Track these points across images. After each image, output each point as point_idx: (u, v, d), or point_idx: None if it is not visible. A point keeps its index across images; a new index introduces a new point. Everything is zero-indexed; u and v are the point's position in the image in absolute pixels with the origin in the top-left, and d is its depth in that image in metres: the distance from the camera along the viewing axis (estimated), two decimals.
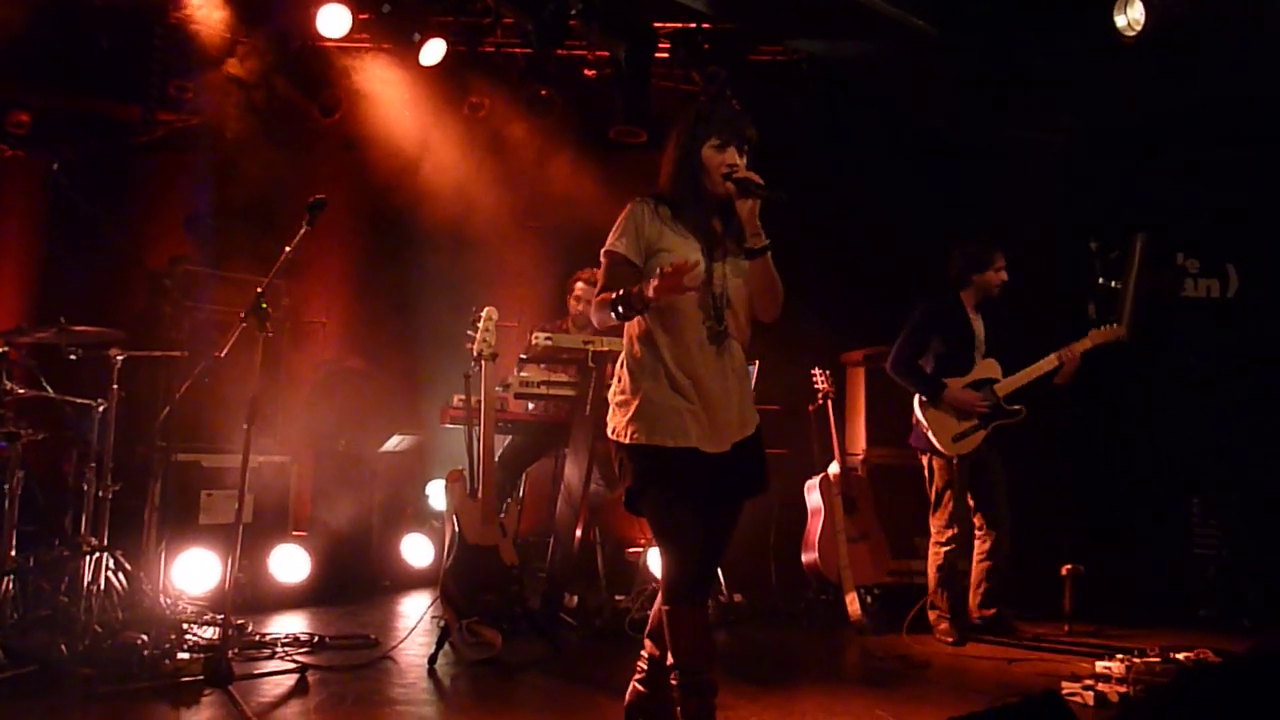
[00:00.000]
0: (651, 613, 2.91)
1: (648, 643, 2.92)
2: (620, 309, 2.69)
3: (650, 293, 2.62)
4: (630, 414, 2.79)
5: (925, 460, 4.81)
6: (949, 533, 4.70)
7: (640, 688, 2.93)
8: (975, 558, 4.78)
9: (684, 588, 2.74)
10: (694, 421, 2.76)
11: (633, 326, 2.85)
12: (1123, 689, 3.64)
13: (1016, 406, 4.70)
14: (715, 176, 2.79)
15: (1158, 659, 3.83)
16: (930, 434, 4.71)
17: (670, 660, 2.75)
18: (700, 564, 2.80)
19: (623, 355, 2.90)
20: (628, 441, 2.78)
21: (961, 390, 4.69)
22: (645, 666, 2.93)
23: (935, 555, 4.76)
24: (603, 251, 2.86)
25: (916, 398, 4.79)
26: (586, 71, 6.51)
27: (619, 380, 2.88)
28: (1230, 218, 5.93)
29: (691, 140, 2.83)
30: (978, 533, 4.78)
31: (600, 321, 2.83)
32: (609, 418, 2.88)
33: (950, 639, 4.63)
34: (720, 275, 2.83)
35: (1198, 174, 5.93)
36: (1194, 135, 5.91)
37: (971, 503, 4.78)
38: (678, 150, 2.85)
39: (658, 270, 2.62)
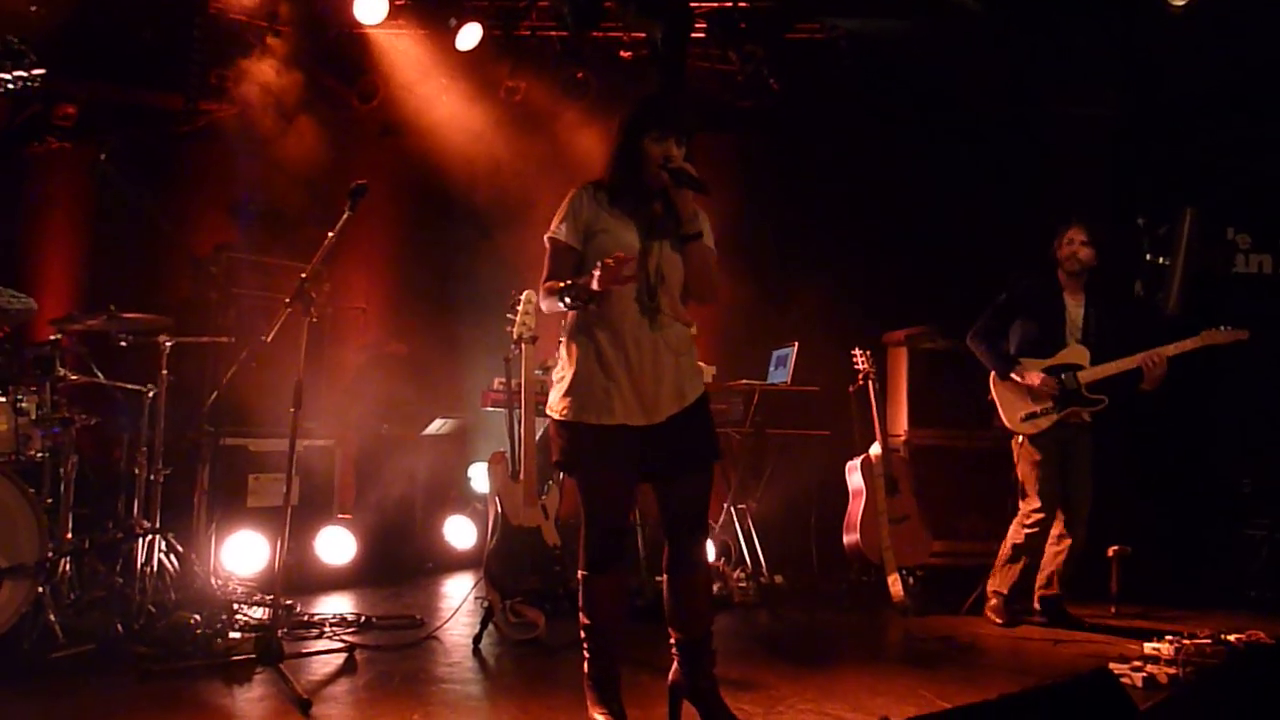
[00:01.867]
0: (665, 599, 3.00)
1: (671, 630, 2.99)
2: (567, 299, 2.83)
3: (595, 285, 2.76)
4: (562, 391, 2.95)
5: (1014, 442, 4.71)
6: (1035, 516, 4.58)
7: (677, 667, 3.00)
8: (1048, 543, 4.67)
9: (601, 557, 2.94)
10: (619, 398, 2.88)
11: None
12: (1172, 670, 3.59)
13: (1098, 396, 4.54)
14: (653, 167, 2.90)
15: (1208, 640, 3.77)
16: (1000, 409, 4.64)
17: (585, 622, 2.95)
18: (618, 536, 2.99)
19: (562, 334, 3.03)
20: (557, 417, 2.95)
21: (1030, 373, 4.57)
22: (675, 650, 3.00)
23: (1016, 533, 4.66)
24: (546, 237, 2.99)
25: (992, 373, 4.70)
26: (623, 53, 6.48)
27: (558, 358, 3.03)
28: None
29: (634, 131, 2.95)
30: (1056, 525, 4.64)
31: (548, 308, 2.97)
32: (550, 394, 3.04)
33: (1000, 619, 4.57)
34: (655, 256, 2.94)
35: (1248, 147, 5.77)
36: (1244, 107, 5.76)
37: (1058, 488, 4.62)
38: (619, 139, 2.99)
39: (599, 263, 2.74)
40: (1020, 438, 4.62)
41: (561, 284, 2.85)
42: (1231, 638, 3.82)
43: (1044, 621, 4.60)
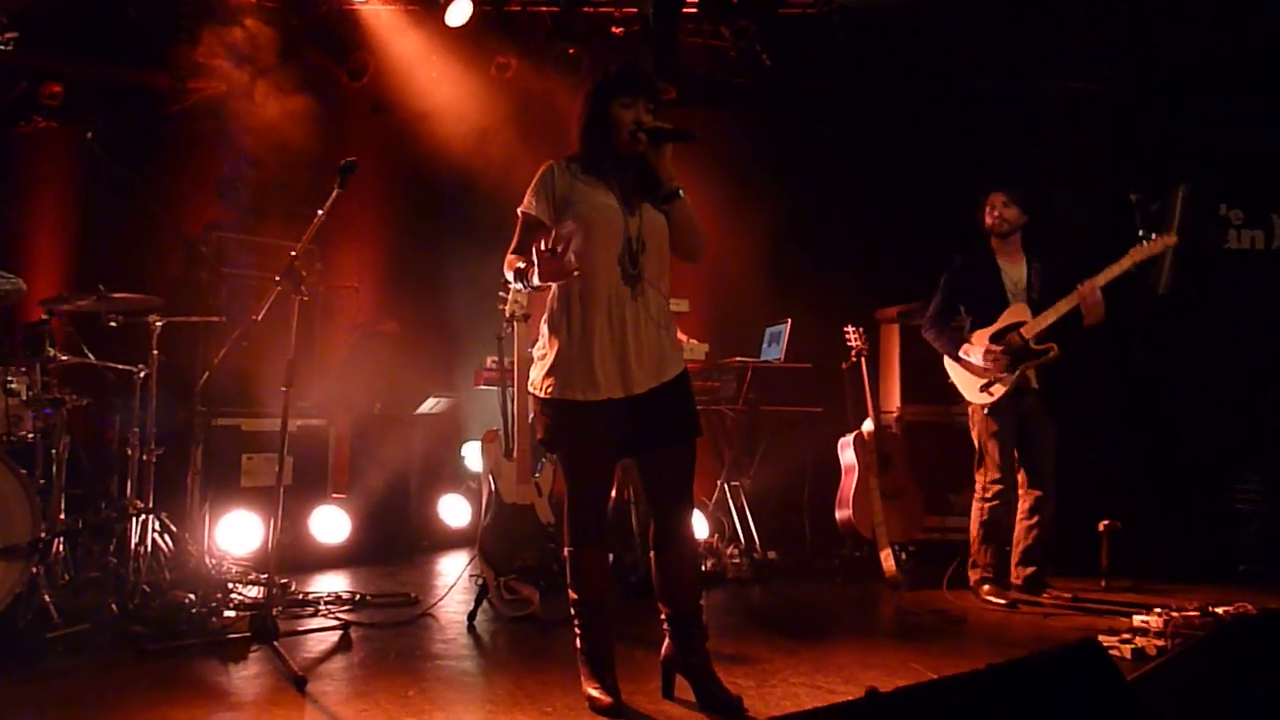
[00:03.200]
0: (652, 572, 3.03)
1: (661, 605, 3.02)
2: (520, 282, 2.87)
3: (536, 280, 2.79)
4: (546, 368, 2.96)
5: (969, 412, 4.73)
6: (994, 488, 4.59)
7: (670, 642, 3.04)
8: (1018, 516, 4.67)
9: (587, 532, 2.98)
10: (603, 372, 2.88)
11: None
12: (1161, 643, 3.62)
13: (1045, 346, 4.51)
14: (624, 133, 2.90)
15: (1196, 613, 3.80)
16: (960, 388, 4.67)
17: (574, 598, 2.99)
18: (603, 511, 3.02)
19: (546, 312, 3.03)
20: (542, 395, 2.97)
21: (974, 347, 4.58)
22: (666, 625, 3.03)
23: (979, 511, 4.65)
24: (519, 211, 2.99)
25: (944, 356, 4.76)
26: (614, 29, 6.43)
27: (539, 333, 3.03)
28: (1275, 167, 5.77)
29: (602, 98, 2.95)
30: (1020, 490, 4.67)
31: (507, 275, 2.96)
32: (533, 371, 3.04)
33: (998, 600, 4.52)
34: (636, 221, 2.92)
35: (1241, 123, 5.76)
36: (1237, 83, 5.74)
37: (1015, 458, 4.70)
38: (589, 108, 2.98)
39: (534, 252, 2.75)
40: (983, 408, 4.61)
41: (520, 263, 2.86)
42: (1219, 610, 3.85)
43: (1031, 598, 4.62)
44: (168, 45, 5.94)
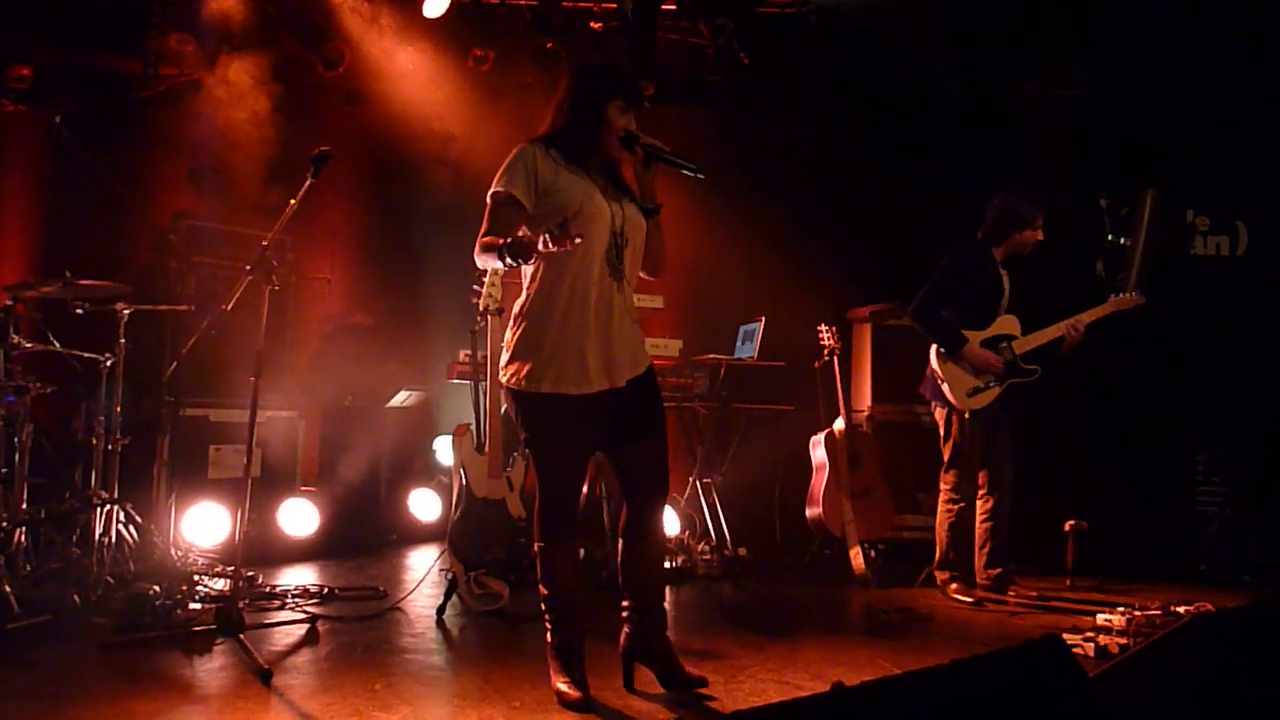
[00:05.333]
0: (618, 565, 3.07)
1: (625, 594, 3.07)
2: (507, 257, 2.68)
3: (542, 246, 2.76)
4: (529, 360, 2.89)
5: (940, 415, 4.74)
6: (964, 490, 4.64)
7: (629, 631, 3.08)
8: (977, 518, 4.72)
9: (561, 526, 2.97)
10: (594, 364, 2.87)
11: (534, 268, 2.92)
12: (1124, 641, 3.67)
13: (1032, 366, 4.62)
14: (614, 135, 2.91)
15: (1159, 612, 3.85)
16: (945, 387, 4.62)
17: (544, 592, 2.98)
18: (574, 505, 3.03)
19: (521, 299, 2.97)
20: (525, 389, 2.89)
21: (980, 347, 4.61)
22: (629, 615, 3.07)
23: (948, 514, 4.68)
24: (489, 193, 2.92)
25: (934, 348, 4.69)
26: (593, 24, 6.41)
27: (517, 324, 2.95)
28: (1241, 174, 5.87)
29: (599, 95, 2.93)
30: (980, 491, 4.73)
31: (484, 263, 2.87)
32: (504, 363, 2.97)
33: (966, 598, 4.57)
34: (619, 217, 2.92)
35: (1208, 130, 5.85)
36: (1204, 90, 5.82)
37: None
38: (579, 99, 2.95)
39: (553, 228, 2.75)
40: (965, 412, 4.66)
41: (501, 240, 2.71)
42: (1181, 609, 3.91)
43: (999, 597, 4.67)
44: (139, 30, 5.86)
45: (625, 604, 3.07)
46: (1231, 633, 1.80)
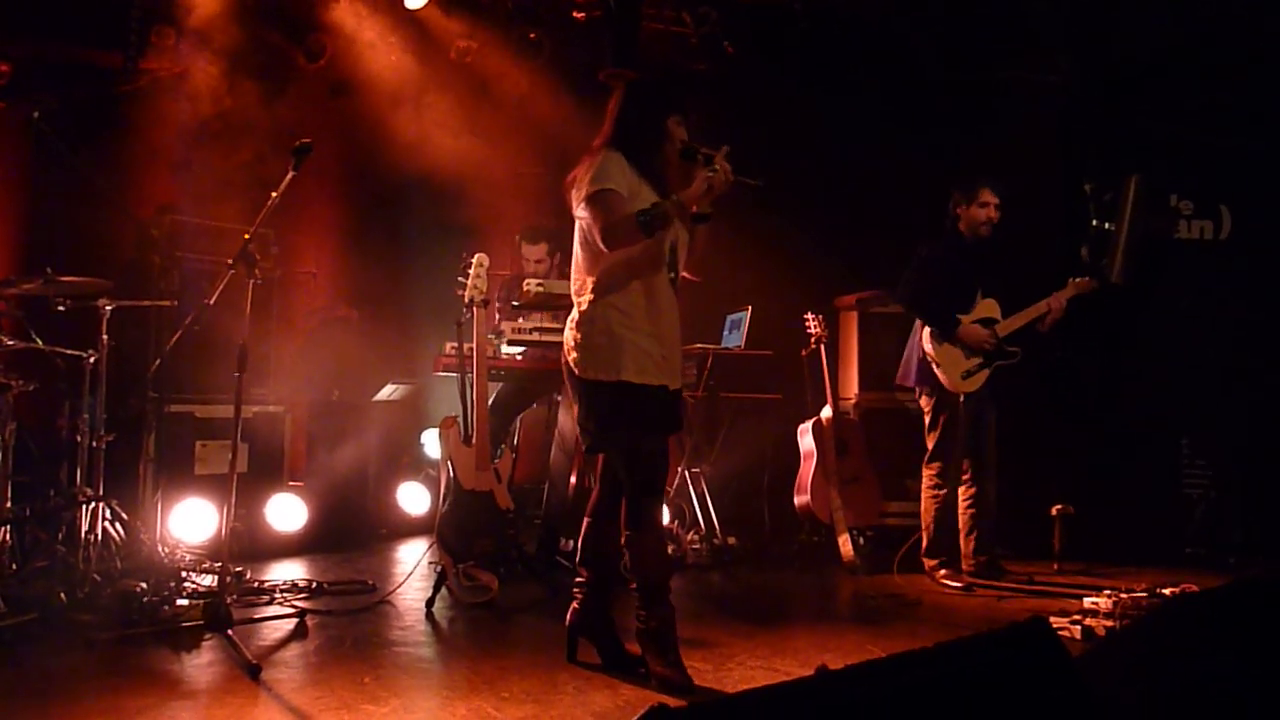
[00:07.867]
0: (581, 540, 3.21)
1: (583, 569, 3.20)
2: (654, 222, 2.89)
3: (715, 186, 2.94)
4: (620, 355, 2.99)
5: (927, 404, 4.75)
6: (950, 474, 4.67)
7: (578, 607, 3.21)
8: (961, 505, 4.75)
9: (658, 511, 3.15)
10: (669, 362, 3.09)
11: (603, 269, 3.05)
12: (1110, 623, 3.70)
13: (1014, 348, 4.66)
14: (675, 147, 3.09)
15: (1144, 594, 3.89)
16: (939, 370, 4.61)
17: (644, 581, 3.08)
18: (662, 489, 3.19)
19: (590, 297, 3.05)
20: (631, 379, 2.98)
21: (972, 326, 4.65)
22: (582, 590, 3.20)
23: (934, 500, 4.70)
24: (601, 189, 2.99)
25: (926, 332, 4.67)
26: (576, 14, 6.39)
27: (594, 321, 3.03)
28: (1224, 159, 5.89)
29: (662, 108, 3.13)
30: (964, 478, 4.74)
31: (614, 245, 2.97)
32: (583, 358, 3.04)
33: (954, 584, 4.58)
34: (673, 229, 3.10)
35: (1192, 115, 5.87)
36: (1189, 76, 5.84)
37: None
38: (642, 115, 3.11)
39: (714, 169, 2.94)
40: (958, 396, 4.67)
41: (641, 213, 2.88)
42: (1166, 591, 3.95)
43: (987, 582, 4.69)
44: (119, 23, 5.81)
45: (579, 580, 3.20)
46: (1211, 612, 1.82)
